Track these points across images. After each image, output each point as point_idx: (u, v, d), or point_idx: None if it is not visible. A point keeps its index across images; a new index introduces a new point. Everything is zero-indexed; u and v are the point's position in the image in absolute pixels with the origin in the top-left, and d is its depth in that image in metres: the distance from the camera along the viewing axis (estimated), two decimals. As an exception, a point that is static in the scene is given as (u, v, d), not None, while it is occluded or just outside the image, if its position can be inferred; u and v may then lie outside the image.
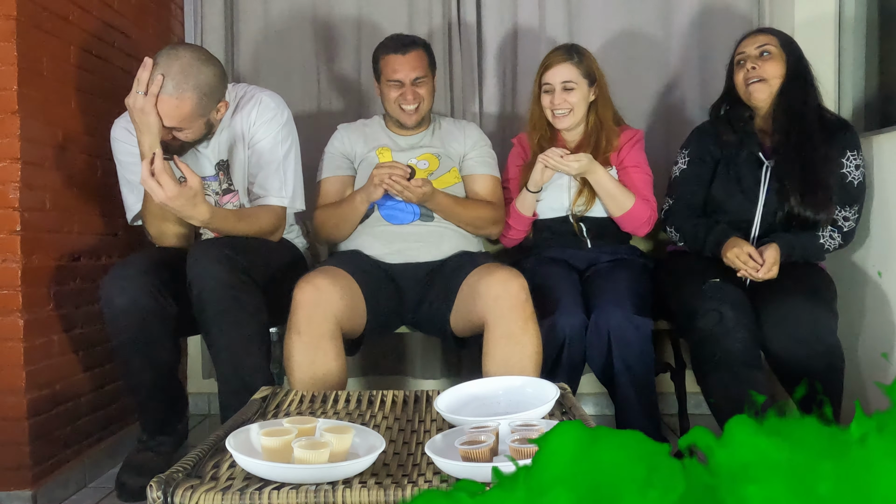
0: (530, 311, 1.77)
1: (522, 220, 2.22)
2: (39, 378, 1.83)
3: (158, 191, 1.68)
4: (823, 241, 2.00)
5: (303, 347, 1.74)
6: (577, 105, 2.16)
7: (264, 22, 2.70)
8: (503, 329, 1.74)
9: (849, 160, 2.03)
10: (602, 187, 2.11)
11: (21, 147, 1.77)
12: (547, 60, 2.19)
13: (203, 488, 1.03)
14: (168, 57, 1.78)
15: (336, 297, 1.79)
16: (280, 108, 2.03)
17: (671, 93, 2.65)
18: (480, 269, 1.88)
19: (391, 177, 1.94)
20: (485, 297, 1.78)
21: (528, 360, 1.73)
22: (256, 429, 1.17)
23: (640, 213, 2.13)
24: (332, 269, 1.89)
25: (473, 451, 1.08)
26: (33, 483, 1.79)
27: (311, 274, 1.83)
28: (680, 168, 2.19)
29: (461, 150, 2.25)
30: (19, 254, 1.78)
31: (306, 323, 1.75)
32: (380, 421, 1.39)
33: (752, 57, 2.04)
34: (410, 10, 2.67)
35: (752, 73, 2.03)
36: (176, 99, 1.77)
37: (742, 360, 1.79)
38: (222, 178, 2.05)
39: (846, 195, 2.02)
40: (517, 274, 1.80)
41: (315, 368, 1.74)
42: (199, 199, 1.75)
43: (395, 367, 2.72)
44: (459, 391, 1.44)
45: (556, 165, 2.06)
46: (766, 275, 1.89)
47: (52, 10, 1.91)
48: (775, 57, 2.03)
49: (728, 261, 1.93)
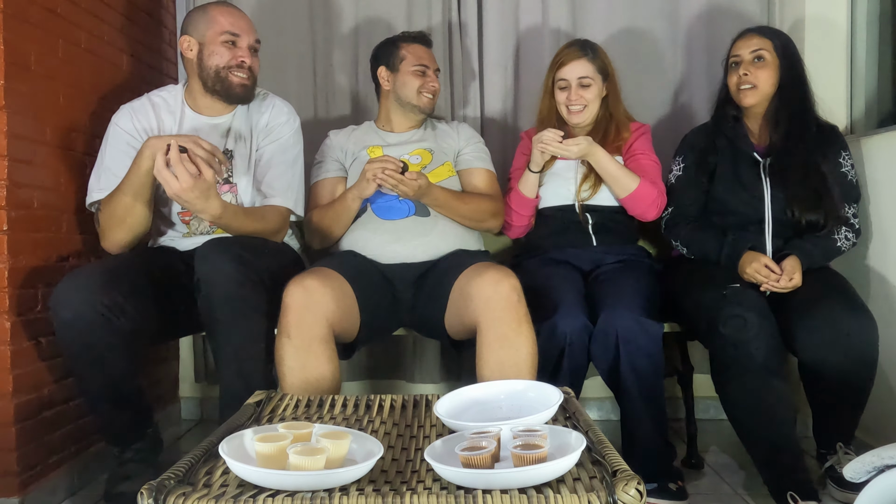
0: (523, 311, 1.73)
1: (525, 202, 2.20)
2: (26, 382, 1.80)
3: (173, 182, 1.69)
4: (840, 242, 2.01)
5: (293, 351, 1.71)
6: (592, 101, 2.19)
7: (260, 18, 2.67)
8: (496, 332, 1.71)
9: (844, 159, 2.07)
10: (604, 169, 2.11)
11: (8, 144, 1.75)
12: (562, 57, 2.20)
13: (196, 495, 1.01)
14: None
15: (327, 298, 1.76)
16: (293, 114, 2.14)
17: (676, 90, 2.64)
18: (470, 270, 1.84)
19: (384, 171, 1.91)
20: (476, 299, 1.75)
21: (522, 363, 1.70)
22: (251, 434, 1.16)
23: (646, 194, 2.11)
24: (324, 270, 1.85)
25: (474, 457, 1.05)
26: (20, 490, 1.76)
27: (302, 275, 1.80)
28: (675, 175, 2.19)
29: (455, 146, 2.25)
30: (6, 254, 1.75)
31: (296, 326, 1.72)
32: (378, 426, 1.36)
33: (745, 62, 2.06)
34: (409, 9, 2.65)
35: (744, 80, 2.06)
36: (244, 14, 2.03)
37: (765, 368, 1.77)
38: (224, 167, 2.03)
39: (850, 192, 2.06)
40: (508, 273, 1.77)
41: (307, 373, 1.71)
42: (213, 192, 1.76)
43: (394, 371, 2.69)
44: (460, 395, 1.41)
45: (556, 151, 2.08)
46: (787, 285, 1.90)
47: (39, 3, 1.88)
48: (769, 64, 2.05)
49: (748, 277, 1.94)
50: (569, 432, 1.16)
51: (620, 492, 0.99)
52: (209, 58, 1.99)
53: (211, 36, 1.99)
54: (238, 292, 1.73)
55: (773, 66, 2.05)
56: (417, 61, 2.20)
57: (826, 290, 1.90)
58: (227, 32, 1.99)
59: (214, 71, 2.00)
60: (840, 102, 2.50)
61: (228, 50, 1.99)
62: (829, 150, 2.05)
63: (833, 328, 1.80)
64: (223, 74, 2.00)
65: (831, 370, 1.82)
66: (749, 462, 1.91)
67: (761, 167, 2.06)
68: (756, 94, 2.06)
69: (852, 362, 1.81)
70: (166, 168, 1.70)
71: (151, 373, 2.46)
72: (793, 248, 1.97)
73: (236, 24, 2.01)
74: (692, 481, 2.01)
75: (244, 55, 2.01)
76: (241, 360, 1.78)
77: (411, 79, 2.20)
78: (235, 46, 2.00)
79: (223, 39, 1.99)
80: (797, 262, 1.93)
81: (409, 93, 2.20)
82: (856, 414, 1.92)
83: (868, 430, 2.00)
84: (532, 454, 1.03)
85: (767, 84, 2.06)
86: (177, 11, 2.68)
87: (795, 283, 1.90)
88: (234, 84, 2.01)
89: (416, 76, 2.20)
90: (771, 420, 1.78)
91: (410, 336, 2.35)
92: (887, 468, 1.20)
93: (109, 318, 1.71)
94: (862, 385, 1.85)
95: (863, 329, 1.81)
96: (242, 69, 2.00)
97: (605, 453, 1.12)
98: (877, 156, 2.16)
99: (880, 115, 2.44)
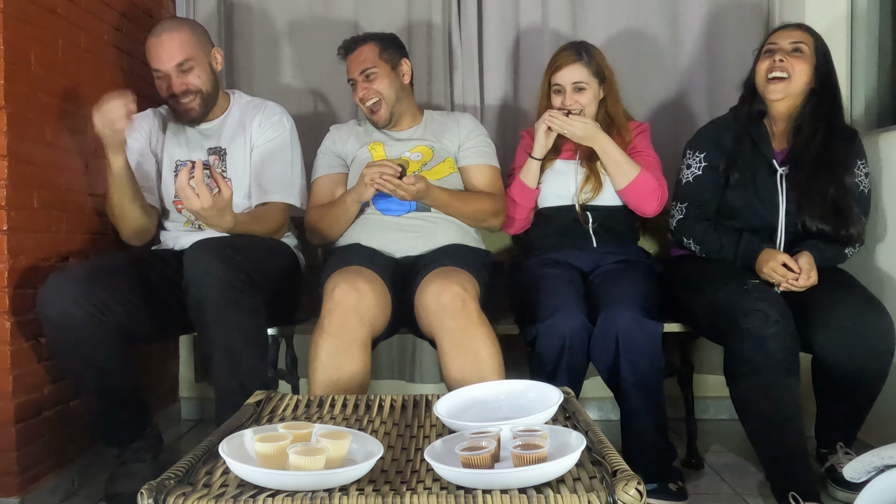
0: (473, 316, 1.72)
1: (526, 192, 2.19)
2: (26, 382, 1.80)
3: (194, 199, 1.74)
4: (848, 250, 2.01)
5: (332, 351, 1.70)
6: (588, 105, 2.18)
7: (258, 19, 2.67)
8: (449, 342, 1.71)
9: (859, 170, 2.03)
10: (607, 154, 2.11)
11: (8, 143, 1.74)
12: (556, 61, 2.19)
13: (196, 495, 1.01)
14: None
15: (374, 303, 1.76)
16: (285, 115, 2.17)
17: (677, 92, 2.63)
18: (422, 283, 1.82)
19: (382, 176, 1.90)
20: (426, 311, 1.76)
21: (484, 366, 1.69)
22: (251, 434, 1.15)
23: (646, 182, 2.11)
24: (367, 271, 1.83)
25: (474, 457, 1.05)
26: (20, 490, 1.76)
27: (349, 274, 1.78)
28: (693, 173, 2.12)
29: (456, 141, 2.23)
30: (6, 254, 1.75)
31: (340, 326, 1.71)
32: (378, 426, 1.36)
33: (783, 49, 1.98)
34: (409, 10, 2.64)
35: (777, 66, 1.97)
36: (174, 32, 1.99)
37: (781, 366, 1.75)
38: (216, 163, 2.09)
39: (861, 204, 2.02)
40: (453, 280, 1.75)
41: (340, 372, 1.70)
42: (228, 209, 1.82)
43: (394, 371, 2.69)
44: (460, 395, 1.41)
45: (562, 125, 2.09)
46: (805, 283, 1.89)
47: (39, 3, 1.88)
48: (806, 57, 1.98)
49: (765, 275, 1.92)
50: (569, 432, 1.16)
51: (620, 492, 0.99)
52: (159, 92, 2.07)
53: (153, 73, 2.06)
54: (226, 293, 1.73)
55: (811, 62, 1.98)
56: (348, 76, 2.20)
57: (842, 288, 1.89)
58: (154, 70, 2.03)
59: (168, 102, 2.08)
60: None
61: (162, 85, 2.05)
62: (850, 163, 1.99)
63: (855, 328, 1.79)
64: (172, 104, 2.07)
65: (848, 369, 1.81)
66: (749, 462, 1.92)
67: (778, 176, 2.02)
68: (786, 86, 1.97)
69: (870, 361, 1.81)
70: (188, 185, 1.73)
71: (151, 373, 2.46)
72: (805, 246, 1.95)
73: (156, 57, 2.01)
74: (692, 481, 2.00)
75: (173, 85, 2.03)
76: (231, 361, 1.77)
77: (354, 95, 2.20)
78: (162, 79, 2.03)
79: (155, 76, 2.05)
80: (812, 260, 1.91)
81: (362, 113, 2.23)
82: (864, 411, 1.91)
83: (868, 430, 2.00)
84: (532, 454, 1.03)
85: (801, 78, 1.97)
86: (177, 12, 2.67)
87: (812, 282, 1.89)
88: (184, 111, 2.06)
89: (354, 95, 2.19)
90: (783, 419, 1.77)
91: (410, 336, 2.34)
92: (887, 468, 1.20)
93: (95, 314, 1.73)
94: (875, 384, 1.85)
95: (882, 325, 1.81)
96: (181, 96, 2.03)
97: (605, 453, 1.12)
98: (876, 156, 2.16)
99: (880, 114, 2.44)
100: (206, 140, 2.12)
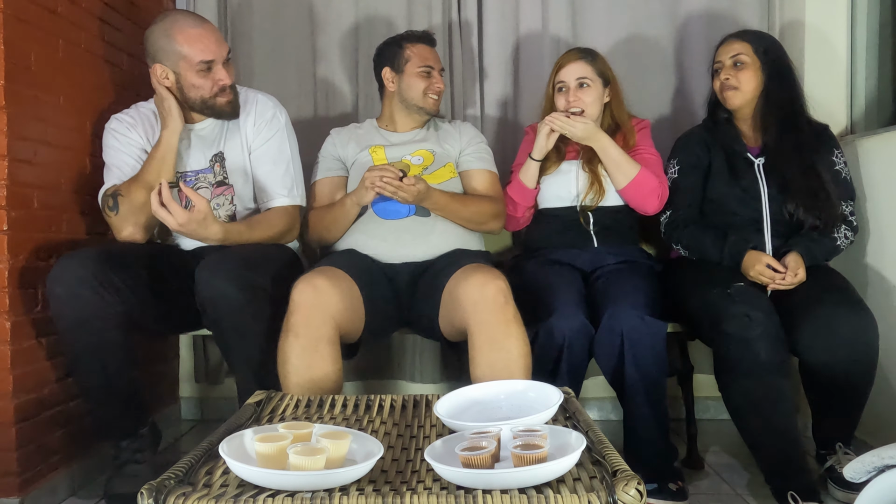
0: (511, 313, 1.72)
1: (525, 192, 2.20)
2: (27, 382, 1.80)
3: (169, 218, 1.77)
4: (839, 241, 2.03)
5: (300, 351, 1.70)
6: (591, 105, 2.18)
7: (259, 19, 2.67)
8: (485, 335, 1.70)
9: (837, 157, 2.10)
10: (607, 154, 2.12)
11: (8, 144, 1.74)
12: (561, 60, 2.23)
13: (196, 495, 1.01)
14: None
15: (336, 298, 1.75)
16: (278, 108, 2.13)
17: (677, 95, 2.64)
18: (459, 272, 1.83)
19: (382, 179, 1.91)
20: (464, 302, 1.74)
21: (514, 365, 1.69)
22: (251, 434, 1.15)
23: (647, 180, 2.12)
24: (331, 269, 1.85)
25: (474, 457, 1.05)
26: (20, 490, 1.76)
27: (310, 274, 1.79)
28: (671, 178, 2.20)
29: (457, 147, 2.25)
30: (6, 254, 1.74)
31: (304, 325, 1.71)
32: (378, 426, 1.36)
33: (726, 67, 2.13)
34: (410, 8, 2.64)
35: (725, 84, 2.13)
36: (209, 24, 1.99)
37: (768, 367, 1.77)
38: (217, 169, 2.07)
39: (845, 190, 2.08)
40: (495, 275, 1.76)
41: (312, 372, 1.70)
42: (210, 220, 1.82)
43: (394, 371, 2.69)
44: (460, 395, 1.41)
45: (563, 126, 2.11)
46: (793, 281, 1.92)
47: (39, 3, 1.87)
48: (748, 66, 2.11)
49: (753, 278, 1.96)
50: (569, 432, 1.16)
51: (620, 492, 0.99)
52: (190, 90, 1.98)
53: (185, 67, 1.95)
54: (244, 312, 1.76)
55: (754, 67, 2.11)
56: (422, 62, 2.19)
57: (827, 289, 1.91)
58: (201, 62, 1.94)
59: (200, 101, 2.00)
60: (840, 102, 2.51)
61: (207, 79, 1.97)
62: (822, 149, 2.09)
63: (835, 329, 1.80)
64: (210, 102, 2.00)
65: (833, 371, 1.82)
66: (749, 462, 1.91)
67: (756, 167, 2.08)
68: (739, 95, 2.12)
69: (853, 363, 1.82)
70: (161, 206, 1.76)
71: (151, 372, 2.46)
72: (794, 245, 1.99)
73: (206, 49, 1.94)
74: (692, 481, 2.00)
75: (223, 77, 1.98)
76: (254, 369, 1.82)
77: (417, 80, 2.19)
78: (211, 71, 1.97)
79: (199, 69, 1.95)
80: (799, 258, 1.95)
81: (414, 94, 2.20)
82: (856, 414, 1.92)
83: (868, 430, 2.00)
84: (532, 454, 1.03)
85: (749, 85, 2.11)
86: (176, 12, 2.67)
87: (800, 279, 1.92)
88: (222, 105, 2.02)
89: (421, 78, 2.19)
90: (774, 419, 1.78)
91: (410, 336, 2.34)
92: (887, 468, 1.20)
93: (102, 294, 1.73)
94: (862, 385, 1.86)
95: (864, 329, 1.82)
96: (225, 91, 2.00)
97: (605, 453, 1.12)
98: (876, 156, 2.16)
99: (880, 115, 2.44)
100: (202, 141, 2.09)
